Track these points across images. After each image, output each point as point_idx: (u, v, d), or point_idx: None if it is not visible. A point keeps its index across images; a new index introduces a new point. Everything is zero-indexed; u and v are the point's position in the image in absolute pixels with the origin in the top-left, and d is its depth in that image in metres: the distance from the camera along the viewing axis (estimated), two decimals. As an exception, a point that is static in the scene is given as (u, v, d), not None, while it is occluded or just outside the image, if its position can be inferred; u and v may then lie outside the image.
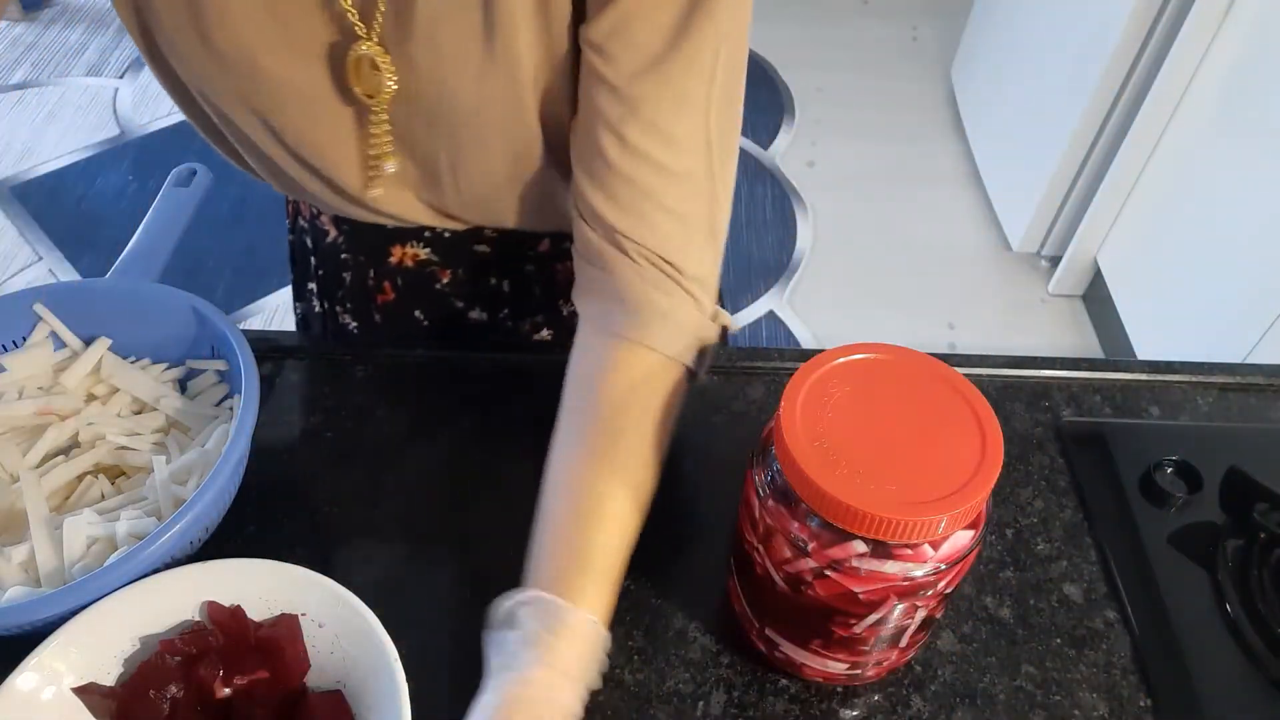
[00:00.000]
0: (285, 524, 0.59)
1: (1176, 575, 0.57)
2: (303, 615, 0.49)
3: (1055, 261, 2.02)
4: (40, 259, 2.04)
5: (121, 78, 2.57)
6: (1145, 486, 0.61)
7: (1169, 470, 0.62)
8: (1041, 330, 1.97)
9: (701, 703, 0.51)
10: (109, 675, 0.48)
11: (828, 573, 0.43)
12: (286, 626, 0.48)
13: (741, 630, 0.53)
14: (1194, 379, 0.70)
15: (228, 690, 0.47)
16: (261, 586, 0.49)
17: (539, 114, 0.56)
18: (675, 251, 0.52)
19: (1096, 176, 1.84)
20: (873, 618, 0.45)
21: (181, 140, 2.30)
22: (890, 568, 0.42)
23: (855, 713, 0.51)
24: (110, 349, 0.61)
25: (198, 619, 0.49)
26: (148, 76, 2.57)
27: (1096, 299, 1.96)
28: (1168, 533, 0.59)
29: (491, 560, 0.58)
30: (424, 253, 0.71)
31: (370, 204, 0.63)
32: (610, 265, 0.53)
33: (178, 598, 0.49)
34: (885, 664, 0.51)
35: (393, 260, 0.71)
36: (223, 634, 0.48)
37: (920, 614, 0.46)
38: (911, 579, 0.42)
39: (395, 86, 0.53)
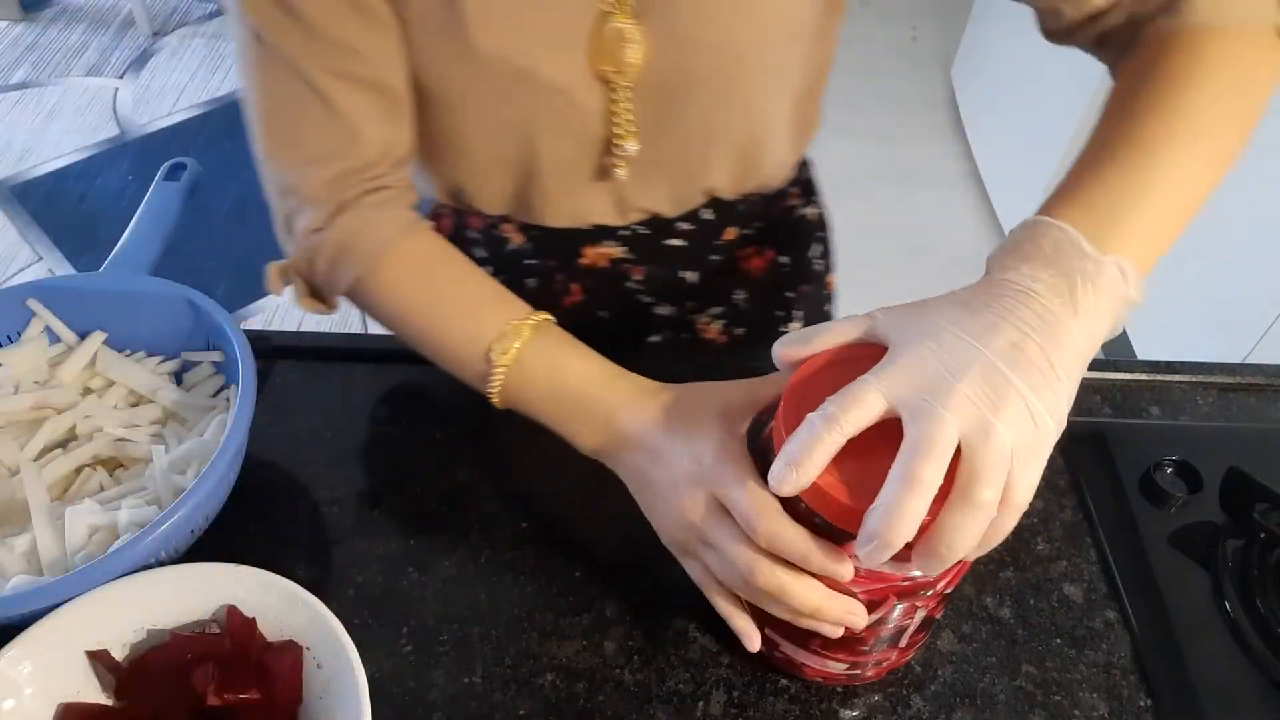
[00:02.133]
0: (285, 524, 0.59)
1: (1176, 575, 0.57)
2: (306, 649, 0.48)
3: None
4: (40, 259, 2.04)
5: (121, 78, 2.57)
6: (1145, 486, 0.61)
7: (1169, 470, 0.62)
8: (1041, 330, 1.97)
9: (701, 703, 0.51)
10: (122, 650, 0.48)
11: None
12: (291, 656, 0.48)
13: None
14: (1194, 379, 0.69)
15: (217, 701, 0.46)
16: (277, 607, 0.48)
17: (804, 52, 0.59)
18: None
19: (1096, 177, 1.84)
20: (872, 618, 0.45)
21: (181, 140, 2.30)
22: (889, 567, 0.42)
23: (855, 713, 0.51)
24: (105, 343, 0.61)
25: (210, 619, 0.49)
26: (148, 76, 2.57)
27: (1096, 299, 1.96)
28: (1168, 533, 0.59)
29: (493, 560, 0.58)
30: (619, 251, 0.70)
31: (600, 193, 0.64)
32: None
33: (195, 593, 0.49)
34: (885, 664, 0.51)
35: (584, 262, 0.71)
36: (231, 643, 0.48)
37: (920, 614, 0.46)
38: (911, 579, 0.42)
39: (640, 60, 0.54)
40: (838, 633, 0.44)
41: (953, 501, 0.36)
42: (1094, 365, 0.70)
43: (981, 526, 0.36)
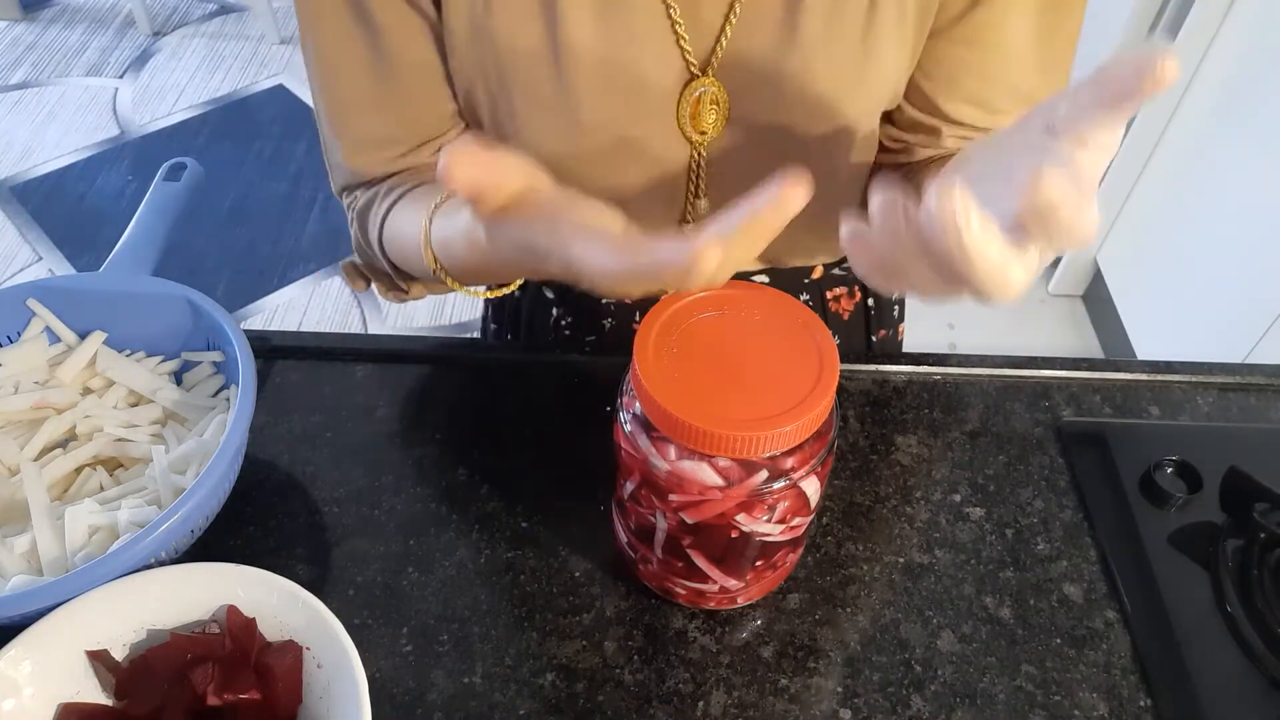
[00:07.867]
0: (285, 524, 0.59)
1: (1176, 575, 0.57)
2: (306, 649, 0.48)
3: (1055, 261, 2.02)
4: (40, 259, 2.04)
5: (121, 78, 2.57)
6: (1145, 486, 0.61)
7: (1169, 470, 0.62)
8: (1041, 330, 1.97)
9: (701, 703, 0.51)
10: (122, 650, 0.48)
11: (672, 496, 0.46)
12: (291, 656, 0.47)
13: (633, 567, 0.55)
14: (1194, 379, 0.69)
15: (217, 701, 0.46)
16: (277, 607, 0.48)
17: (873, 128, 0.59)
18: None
19: (1096, 176, 1.84)
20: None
21: (181, 140, 2.30)
22: (704, 471, 0.44)
23: (855, 712, 0.51)
24: (105, 343, 0.61)
25: (210, 619, 0.49)
26: (148, 76, 2.57)
27: (1096, 299, 1.96)
28: (1168, 533, 0.59)
29: (493, 560, 0.58)
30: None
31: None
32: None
33: (195, 593, 0.49)
34: (763, 583, 0.53)
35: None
36: (231, 643, 0.48)
37: (768, 524, 0.47)
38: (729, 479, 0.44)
39: (725, 122, 0.55)
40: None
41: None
42: (1094, 365, 0.70)
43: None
